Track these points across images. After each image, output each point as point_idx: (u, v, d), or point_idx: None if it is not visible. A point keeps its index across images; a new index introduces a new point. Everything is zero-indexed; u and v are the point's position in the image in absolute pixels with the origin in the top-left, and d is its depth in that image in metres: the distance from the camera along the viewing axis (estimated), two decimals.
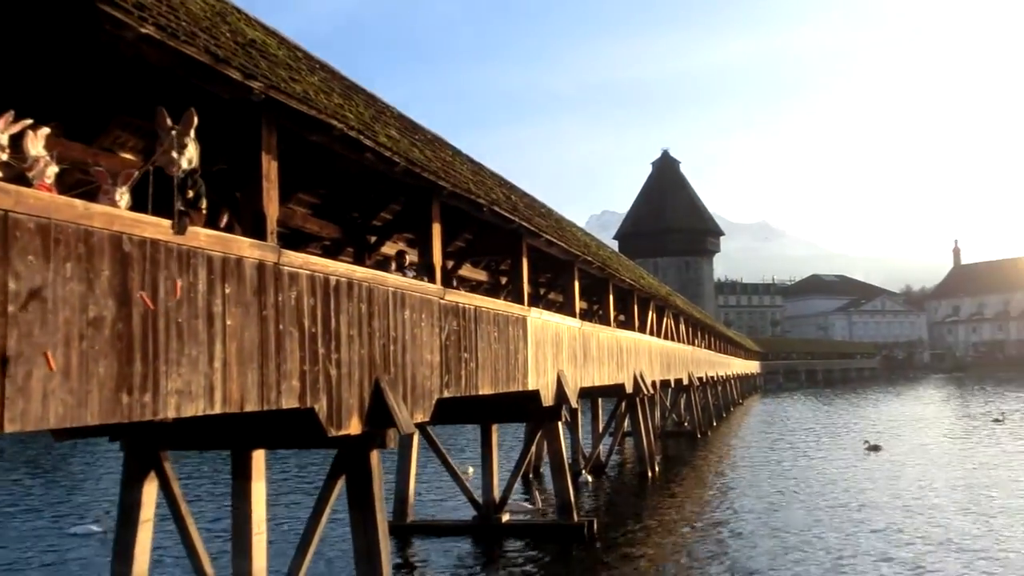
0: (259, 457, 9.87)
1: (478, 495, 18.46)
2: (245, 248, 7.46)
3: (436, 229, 11.96)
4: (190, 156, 6.79)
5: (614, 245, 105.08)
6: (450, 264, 15.73)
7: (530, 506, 20.93)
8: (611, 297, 23.78)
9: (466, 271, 18.50)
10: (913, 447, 34.49)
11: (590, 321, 23.01)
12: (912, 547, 16.53)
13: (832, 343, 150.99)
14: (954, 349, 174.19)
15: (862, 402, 70.22)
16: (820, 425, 47.72)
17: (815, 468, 28.62)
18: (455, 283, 16.43)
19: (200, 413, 6.86)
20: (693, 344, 44.13)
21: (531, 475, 26.29)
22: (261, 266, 7.66)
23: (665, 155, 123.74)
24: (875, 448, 32.60)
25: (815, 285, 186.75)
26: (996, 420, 44.72)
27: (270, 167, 8.11)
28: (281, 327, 7.94)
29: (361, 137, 9.01)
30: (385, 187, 11.79)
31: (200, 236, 6.82)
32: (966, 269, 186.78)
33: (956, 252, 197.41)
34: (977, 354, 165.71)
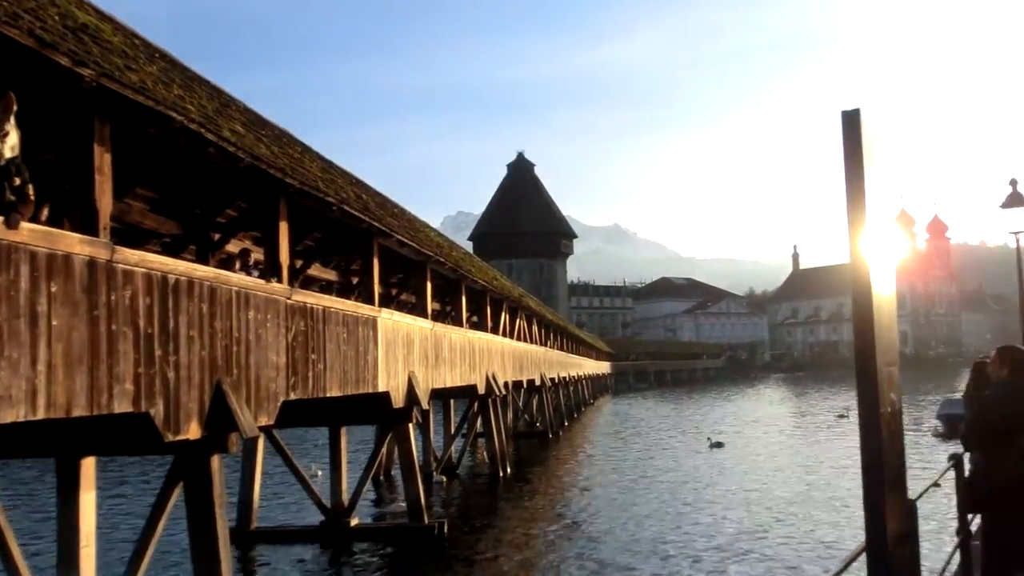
0: (88, 465, 9.35)
1: (326, 499, 18.13)
2: (74, 244, 7.06)
3: (283, 227, 11.64)
4: (12, 144, 6.38)
5: (469, 246, 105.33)
6: (298, 263, 15.40)
7: (407, 507, 20.73)
8: (464, 298, 23.78)
9: (315, 271, 18.14)
10: (754, 443, 35.91)
11: (443, 322, 22.95)
12: (745, 536, 17.32)
13: (680, 344, 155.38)
14: (793, 349, 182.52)
15: (708, 401, 72.57)
16: (667, 424, 49.07)
17: (661, 466, 29.39)
18: (293, 281, 16.07)
19: (21, 419, 6.44)
20: (546, 345, 44.64)
21: (381, 477, 26.03)
22: (92, 263, 7.26)
23: (520, 157, 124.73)
24: (718, 445, 33.76)
25: (664, 288, 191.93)
26: (840, 416, 46.74)
27: (103, 159, 7.71)
28: (114, 327, 7.56)
29: (203, 131, 8.67)
30: (230, 183, 11.40)
31: (23, 231, 6.40)
32: (804, 274, 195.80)
33: (795, 257, 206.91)
34: (813, 354, 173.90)
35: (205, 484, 9.45)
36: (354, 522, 18.03)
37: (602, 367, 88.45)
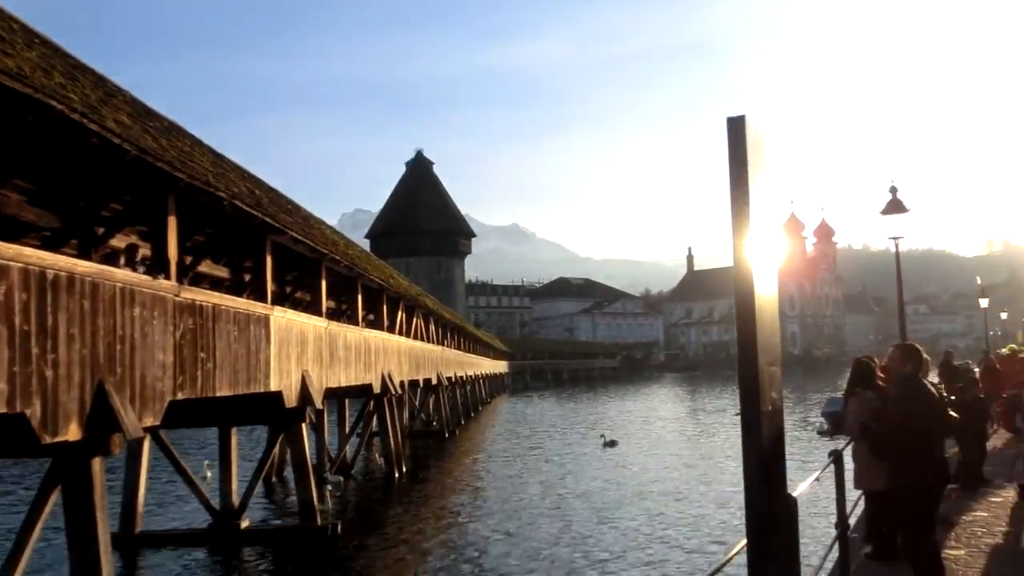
0: None
1: (216, 501, 17.72)
2: None
3: (172, 223, 11.33)
4: None
5: (367, 244, 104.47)
6: (188, 260, 15.00)
7: (319, 505, 20.52)
8: (360, 296, 23.54)
9: (206, 267, 17.69)
10: (648, 441, 36.49)
11: (338, 320, 22.68)
12: (634, 532, 17.69)
13: (577, 343, 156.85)
14: (687, 349, 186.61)
15: (604, 400, 73.45)
16: (563, 422, 49.50)
17: (556, 464, 29.62)
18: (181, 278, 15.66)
19: None
20: (443, 344, 44.55)
21: (274, 478, 25.58)
22: None
23: (419, 155, 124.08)
24: (612, 444, 34.16)
25: (562, 287, 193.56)
26: (739, 414, 47.71)
27: None
28: None
29: (85, 121, 8.36)
30: (115, 175, 11.01)
31: None
32: (698, 275, 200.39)
33: (690, 259, 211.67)
34: (706, 354, 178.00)
35: (85, 487, 9.12)
36: (244, 524, 17.66)
37: (500, 366, 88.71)
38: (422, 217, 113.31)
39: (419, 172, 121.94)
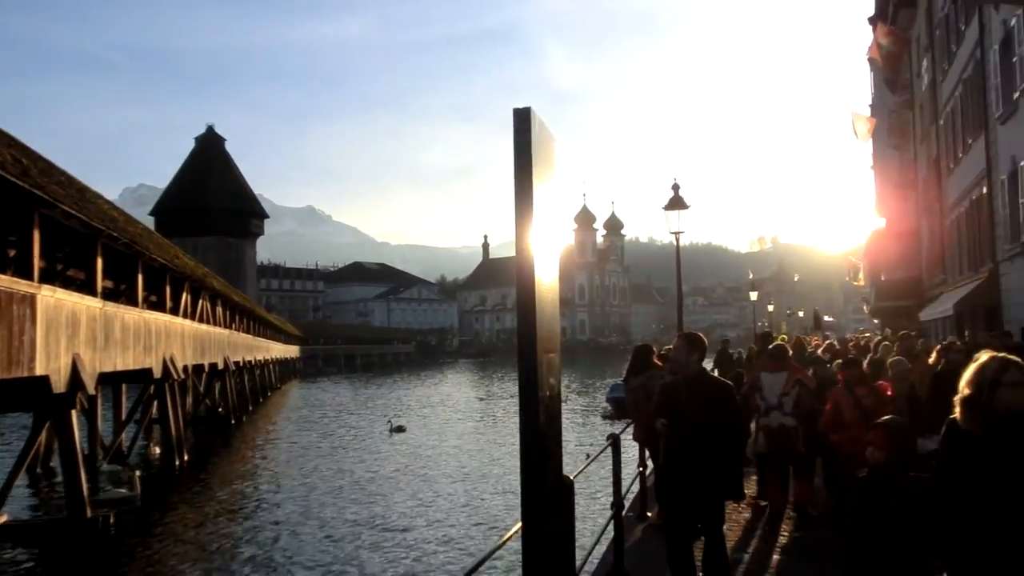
0: None
1: None
2: None
3: None
4: None
5: (151, 222, 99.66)
6: None
7: (127, 492, 19.31)
8: (141, 276, 22.37)
9: None
10: (437, 426, 36.76)
11: (116, 301, 21.47)
12: (411, 517, 17.92)
13: (371, 329, 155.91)
14: (481, 336, 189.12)
15: (396, 385, 73.35)
16: (353, 408, 49.09)
17: (343, 450, 29.38)
18: None
19: None
20: (231, 327, 43.15)
21: (39, 469, 23.95)
22: None
23: (210, 131, 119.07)
24: (400, 429, 34.20)
25: (357, 272, 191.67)
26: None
27: None
28: None
29: None
30: None
31: None
32: (493, 263, 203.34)
33: (485, 247, 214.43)
34: (500, 340, 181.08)
35: None
36: (2, 519, 16.41)
37: (291, 351, 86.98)
38: (212, 195, 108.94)
39: (210, 148, 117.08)
